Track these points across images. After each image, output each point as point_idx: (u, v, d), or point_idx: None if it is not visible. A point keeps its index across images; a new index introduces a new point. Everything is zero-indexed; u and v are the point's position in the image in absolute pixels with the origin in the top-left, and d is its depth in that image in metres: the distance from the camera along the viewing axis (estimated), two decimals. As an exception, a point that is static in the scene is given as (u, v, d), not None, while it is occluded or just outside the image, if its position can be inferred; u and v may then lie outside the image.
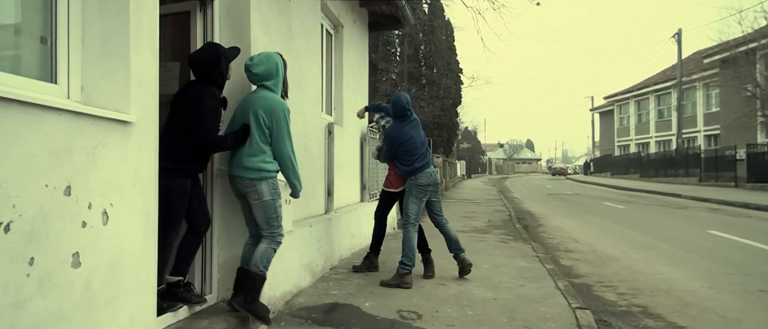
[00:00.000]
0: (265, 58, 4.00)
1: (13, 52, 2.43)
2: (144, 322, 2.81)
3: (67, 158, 2.29)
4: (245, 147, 3.88)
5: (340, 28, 7.83)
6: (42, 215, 2.15)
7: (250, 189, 3.88)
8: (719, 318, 5.08)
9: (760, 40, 24.28)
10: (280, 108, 3.93)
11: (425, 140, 6.19)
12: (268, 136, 3.92)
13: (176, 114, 3.64)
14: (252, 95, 4.03)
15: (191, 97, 3.62)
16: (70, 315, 2.30)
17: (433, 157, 6.43)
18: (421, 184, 5.96)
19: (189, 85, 3.82)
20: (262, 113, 3.88)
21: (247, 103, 3.98)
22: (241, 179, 3.88)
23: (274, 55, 4.09)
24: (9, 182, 2.01)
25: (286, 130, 3.94)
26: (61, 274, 2.25)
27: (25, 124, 2.08)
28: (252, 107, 3.91)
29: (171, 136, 3.52)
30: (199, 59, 3.76)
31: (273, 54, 4.09)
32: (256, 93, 4.01)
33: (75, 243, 2.32)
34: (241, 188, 3.92)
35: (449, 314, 4.77)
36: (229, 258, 4.18)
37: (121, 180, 2.62)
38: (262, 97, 3.95)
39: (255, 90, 4.06)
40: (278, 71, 4.06)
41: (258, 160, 3.87)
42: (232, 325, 3.58)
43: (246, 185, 3.88)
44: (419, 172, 5.96)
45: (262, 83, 4.01)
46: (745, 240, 9.70)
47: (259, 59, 3.98)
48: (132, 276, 2.70)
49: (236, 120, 4.01)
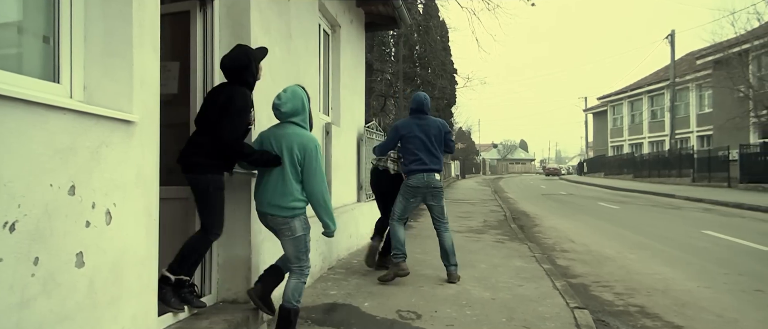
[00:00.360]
0: (291, 95, 3.99)
1: (15, 51, 2.42)
2: (146, 322, 2.81)
3: (72, 158, 2.28)
4: (278, 185, 3.87)
5: (337, 28, 7.83)
6: (46, 214, 2.14)
7: (284, 226, 3.90)
8: (716, 318, 5.10)
9: (753, 42, 24.41)
10: (312, 145, 3.92)
11: (434, 147, 6.04)
12: (299, 173, 3.91)
13: (207, 113, 3.70)
14: (282, 130, 3.98)
15: (224, 96, 3.67)
16: (74, 315, 2.29)
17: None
18: (410, 185, 5.99)
19: (221, 86, 3.86)
20: (296, 150, 3.88)
21: (278, 137, 3.95)
22: (273, 217, 3.90)
23: (299, 90, 4.07)
24: (14, 182, 2.00)
25: (318, 167, 3.93)
26: (65, 274, 2.24)
27: (30, 123, 2.08)
28: (284, 142, 3.90)
29: (205, 135, 3.61)
30: (230, 62, 3.79)
31: (298, 90, 4.07)
32: (286, 129, 3.97)
33: (79, 243, 2.32)
34: (273, 224, 3.95)
35: (448, 314, 4.78)
36: (229, 257, 4.17)
37: (124, 180, 2.61)
38: (294, 133, 3.94)
39: (284, 125, 4.01)
40: (304, 107, 4.04)
41: (291, 199, 3.87)
42: (232, 325, 3.57)
43: (279, 222, 3.90)
44: (411, 173, 5.98)
45: (291, 120, 3.99)
46: (740, 240, 9.75)
47: (286, 97, 3.97)
48: (134, 277, 2.69)
49: (266, 148, 3.97)
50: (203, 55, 4.13)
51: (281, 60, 4.90)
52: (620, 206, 17.91)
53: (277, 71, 4.81)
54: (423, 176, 5.95)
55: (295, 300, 3.92)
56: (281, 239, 3.96)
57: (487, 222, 12.57)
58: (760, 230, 11.25)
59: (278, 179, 3.88)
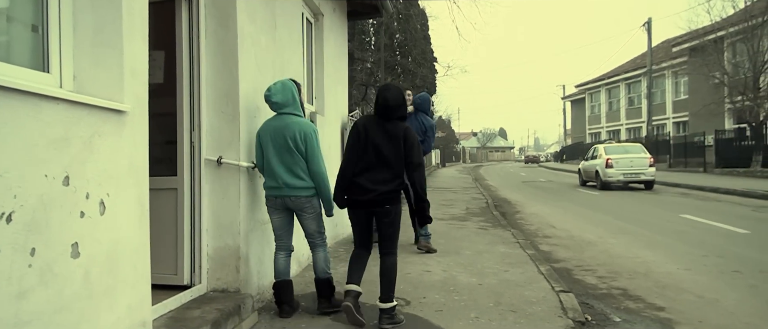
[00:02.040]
0: (281, 87, 4.26)
1: (4, 40, 2.38)
2: (141, 312, 2.80)
3: (65, 148, 2.27)
4: (291, 170, 4.19)
5: (320, 16, 7.79)
6: (42, 205, 2.13)
7: (307, 205, 4.26)
8: (697, 299, 5.23)
9: (728, 29, 24.78)
10: (311, 130, 4.26)
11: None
12: (304, 157, 4.22)
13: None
14: (281, 121, 4.25)
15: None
16: (71, 305, 2.28)
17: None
18: None
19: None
20: (298, 138, 4.18)
21: (278, 129, 4.22)
22: (297, 198, 4.21)
23: (287, 82, 4.33)
24: (10, 172, 1.98)
25: (318, 149, 4.28)
26: (62, 264, 2.23)
27: (24, 113, 2.06)
28: (286, 132, 4.19)
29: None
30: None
31: (287, 82, 4.34)
32: (284, 120, 4.24)
33: (74, 234, 2.31)
34: (295, 205, 4.25)
35: (436, 300, 4.84)
36: (218, 248, 4.17)
37: (116, 170, 2.60)
38: (293, 122, 4.23)
39: (277, 117, 4.28)
40: (294, 97, 4.31)
41: (307, 180, 4.23)
42: (224, 314, 3.58)
43: (303, 202, 4.24)
44: None
45: (284, 111, 4.26)
46: (717, 224, 9.96)
47: (275, 89, 4.24)
48: (129, 267, 2.68)
49: (263, 142, 4.27)
50: (189, 45, 4.10)
51: (266, 49, 4.88)
52: (600, 193, 18.14)
53: (263, 61, 4.79)
54: None
55: (328, 270, 4.39)
56: (303, 217, 4.30)
57: (470, 210, 12.67)
58: (736, 214, 11.50)
59: (290, 164, 4.18)
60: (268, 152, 4.22)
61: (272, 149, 4.20)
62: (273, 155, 4.19)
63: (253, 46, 4.50)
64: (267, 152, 4.23)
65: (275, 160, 4.19)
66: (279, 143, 4.18)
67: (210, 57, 4.16)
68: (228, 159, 4.14)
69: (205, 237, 4.12)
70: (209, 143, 4.15)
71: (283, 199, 4.23)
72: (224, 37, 4.17)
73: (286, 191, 4.19)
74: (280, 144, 4.18)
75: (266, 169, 4.29)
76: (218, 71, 4.16)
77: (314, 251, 4.41)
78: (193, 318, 3.43)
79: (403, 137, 4.13)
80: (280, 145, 4.18)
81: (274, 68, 5.08)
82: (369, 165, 4.12)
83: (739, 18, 24.23)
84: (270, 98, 4.21)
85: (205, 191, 4.12)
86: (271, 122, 4.31)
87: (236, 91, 4.18)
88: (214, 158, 4.11)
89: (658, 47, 39.67)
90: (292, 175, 4.17)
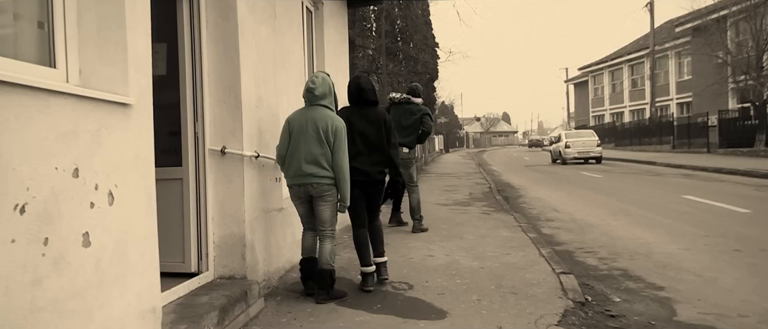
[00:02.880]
0: (322, 81, 4.49)
1: (11, 36, 2.45)
2: (150, 299, 2.90)
3: (74, 141, 2.34)
4: (316, 159, 4.37)
5: (319, 4, 7.82)
6: (53, 196, 2.21)
7: (328, 192, 4.45)
8: (696, 277, 5.30)
9: (731, 8, 24.68)
10: (340, 125, 4.47)
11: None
12: (330, 148, 4.41)
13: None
14: (314, 112, 4.44)
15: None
16: (83, 292, 2.37)
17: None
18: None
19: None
20: (329, 129, 4.39)
21: (310, 118, 4.41)
22: (319, 185, 4.40)
23: (327, 78, 4.58)
24: (22, 166, 2.06)
25: (344, 144, 4.46)
26: (74, 253, 2.32)
27: (35, 108, 2.13)
28: (318, 122, 4.39)
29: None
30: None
31: (326, 77, 4.58)
32: (318, 111, 4.44)
33: (85, 224, 2.39)
34: (317, 192, 4.42)
35: (439, 283, 4.93)
36: (224, 236, 4.26)
37: (123, 161, 2.68)
38: (325, 115, 4.44)
39: (312, 108, 4.47)
40: (331, 91, 4.57)
41: (329, 170, 4.42)
42: (231, 300, 3.67)
43: (324, 189, 4.43)
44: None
45: (320, 102, 4.46)
46: (719, 204, 10.01)
47: (318, 82, 4.46)
48: (138, 255, 2.77)
49: (292, 130, 4.45)
50: (191, 37, 4.16)
51: (267, 39, 4.93)
52: (603, 175, 18.19)
53: (264, 51, 4.85)
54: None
55: (332, 261, 4.50)
56: (320, 205, 4.46)
57: (473, 195, 12.74)
58: (738, 193, 11.54)
59: (315, 153, 4.36)
60: (297, 139, 4.38)
61: (302, 137, 4.36)
62: (302, 142, 4.37)
63: (254, 36, 4.56)
64: (296, 139, 4.39)
65: (303, 148, 4.37)
66: (310, 132, 4.37)
67: (211, 48, 4.23)
68: (231, 149, 4.21)
69: (211, 226, 4.21)
70: (213, 133, 4.22)
71: (306, 187, 4.42)
72: (225, 29, 4.23)
73: (310, 179, 4.38)
74: (311, 134, 4.36)
75: (292, 156, 4.42)
76: (220, 62, 4.23)
77: (322, 241, 4.53)
78: (201, 304, 3.53)
79: (382, 120, 4.87)
80: (310, 134, 4.36)
81: (275, 58, 5.14)
82: (360, 151, 4.76)
83: (742, -4, 24.16)
84: (313, 90, 4.42)
85: (210, 181, 4.21)
86: (304, 111, 4.50)
87: (238, 81, 4.25)
88: (218, 149, 4.19)
89: (661, 28, 39.51)
90: (317, 164, 4.36)
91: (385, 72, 18.75)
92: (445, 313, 4.13)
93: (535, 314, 4.08)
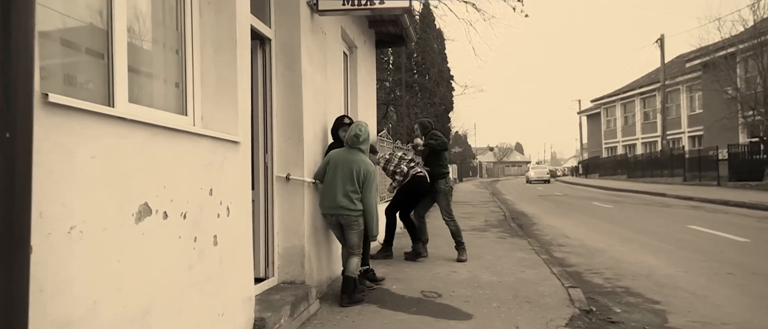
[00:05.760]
0: (366, 131, 5.57)
1: (163, 94, 3.37)
2: (249, 289, 3.79)
3: (210, 170, 3.24)
4: (347, 194, 5.30)
5: (354, 49, 8.78)
6: (199, 208, 3.10)
7: (354, 222, 5.37)
8: (689, 295, 6.04)
9: (739, 45, 25.33)
10: (372, 170, 5.48)
11: None
12: (360, 187, 5.36)
13: None
14: (353, 155, 5.42)
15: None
16: (214, 278, 3.25)
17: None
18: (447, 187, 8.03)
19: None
20: (362, 172, 5.36)
21: (348, 161, 5.38)
22: (347, 216, 5.34)
23: (368, 127, 5.69)
24: (183, 186, 2.96)
25: (373, 185, 5.46)
26: (209, 249, 3.20)
27: (190, 147, 3.04)
28: (353, 165, 5.36)
29: None
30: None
31: (368, 127, 5.69)
32: (356, 154, 5.44)
33: (215, 229, 3.28)
34: (345, 221, 5.37)
35: (463, 293, 5.74)
36: (287, 247, 5.14)
37: (235, 185, 3.57)
38: (361, 159, 5.44)
39: (351, 151, 5.45)
40: (369, 139, 5.60)
41: (358, 204, 5.35)
42: (298, 298, 4.54)
43: (351, 220, 5.36)
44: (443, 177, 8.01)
45: (360, 147, 5.47)
46: (721, 233, 10.69)
47: (365, 132, 5.52)
48: (242, 256, 3.66)
49: (332, 166, 5.38)
50: (263, 83, 5.09)
51: (320, 84, 5.86)
52: (613, 206, 18.83)
53: (317, 94, 5.77)
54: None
55: (356, 272, 5.40)
56: (349, 232, 5.40)
57: (489, 222, 13.51)
58: (740, 224, 12.21)
59: (347, 190, 5.31)
60: (335, 174, 5.33)
61: (339, 173, 5.31)
62: (338, 178, 5.31)
63: (312, 83, 5.49)
64: (333, 174, 5.33)
65: (339, 183, 5.31)
66: (346, 171, 5.33)
67: (280, 93, 5.16)
68: (294, 176, 5.11)
69: (276, 239, 5.09)
70: (279, 162, 5.12)
71: (337, 216, 5.38)
72: (291, 78, 5.16)
73: (340, 211, 5.33)
74: (346, 172, 5.32)
75: (327, 188, 5.38)
76: (286, 104, 5.15)
77: (349, 257, 5.41)
78: (275, 300, 4.38)
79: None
80: (346, 173, 5.32)
81: (326, 98, 6.07)
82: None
83: (749, 35, 24.82)
84: (359, 136, 5.44)
85: (276, 202, 5.10)
86: (344, 152, 5.49)
87: (300, 121, 5.17)
88: (284, 175, 5.08)
89: (672, 62, 40.13)
90: (348, 199, 5.30)
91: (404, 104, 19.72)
92: (471, 316, 4.95)
93: (546, 318, 4.88)
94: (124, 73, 2.74)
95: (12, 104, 1.71)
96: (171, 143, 2.85)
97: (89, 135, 2.21)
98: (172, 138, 2.86)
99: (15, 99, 1.72)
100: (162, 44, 3.32)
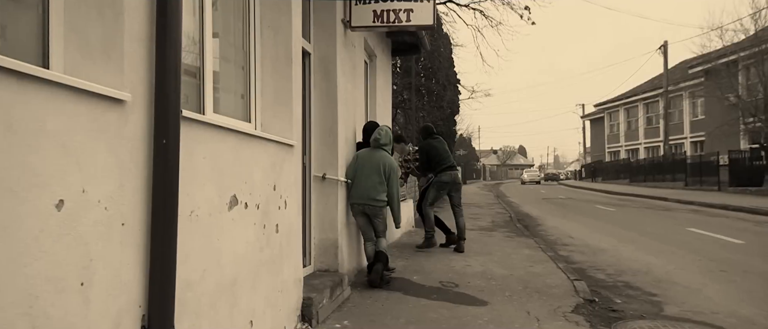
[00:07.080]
0: (386, 133, 6.42)
1: (233, 105, 3.96)
2: (299, 272, 4.41)
3: (274, 169, 3.84)
4: (375, 187, 6.12)
5: (373, 57, 9.38)
6: (266, 201, 3.69)
7: (380, 212, 6.24)
8: (684, 289, 6.61)
9: (740, 53, 25.78)
10: (395, 165, 6.39)
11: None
12: (385, 181, 6.21)
13: None
14: (377, 153, 6.28)
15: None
16: (276, 260, 3.85)
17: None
18: (442, 181, 8.88)
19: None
20: (386, 168, 6.26)
21: (373, 158, 6.23)
22: (373, 207, 6.17)
23: (389, 130, 6.57)
24: (257, 181, 3.55)
25: (397, 178, 6.35)
26: (273, 236, 3.80)
27: (262, 149, 3.64)
28: (380, 161, 6.22)
29: None
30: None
31: (389, 130, 6.56)
32: (380, 153, 6.31)
33: (276, 218, 3.88)
34: (371, 212, 6.20)
35: (478, 284, 6.33)
36: (322, 239, 5.75)
37: (290, 182, 4.17)
38: (384, 156, 6.33)
39: (376, 150, 6.30)
40: (390, 141, 6.52)
41: (384, 195, 6.22)
42: (335, 283, 5.15)
43: (377, 210, 6.21)
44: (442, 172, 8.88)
45: (383, 147, 6.34)
46: (718, 235, 11.24)
47: (383, 134, 6.37)
48: (295, 243, 4.26)
49: (359, 164, 6.20)
50: (302, 92, 5.67)
51: (349, 92, 6.47)
52: (616, 209, 19.34)
53: (347, 101, 6.37)
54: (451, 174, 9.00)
55: (386, 248, 6.29)
56: (375, 220, 6.25)
57: (495, 222, 14.09)
58: (738, 227, 12.75)
59: (375, 183, 6.00)
60: (362, 171, 6.04)
61: (366, 170, 6.02)
62: (365, 174, 6.02)
63: (344, 92, 6.09)
64: (361, 172, 6.04)
65: (365, 178, 6.02)
66: (372, 167, 6.07)
67: (317, 101, 5.76)
68: (330, 175, 5.71)
69: (313, 231, 5.69)
70: (316, 163, 5.73)
71: (364, 207, 6.07)
72: (327, 87, 5.76)
73: (370, 201, 6.09)
74: (373, 169, 6.06)
75: (356, 184, 6.07)
76: (322, 111, 5.75)
77: (379, 239, 6.26)
78: (316, 284, 4.98)
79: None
80: (372, 169, 6.03)
81: (354, 103, 6.67)
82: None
83: (750, 43, 25.28)
84: (380, 139, 6.29)
85: (313, 198, 5.70)
86: (370, 152, 6.22)
87: (336, 126, 5.77)
88: (320, 175, 5.68)
89: (675, 68, 40.47)
90: (375, 191, 6.09)
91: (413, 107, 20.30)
92: (486, 302, 5.53)
93: (553, 305, 5.46)
94: (210, 90, 3.34)
95: (167, 119, 2.32)
96: (250, 146, 3.44)
97: (201, 140, 2.80)
98: (250, 142, 3.45)
99: (167, 116, 2.32)
100: (233, 62, 3.92)
